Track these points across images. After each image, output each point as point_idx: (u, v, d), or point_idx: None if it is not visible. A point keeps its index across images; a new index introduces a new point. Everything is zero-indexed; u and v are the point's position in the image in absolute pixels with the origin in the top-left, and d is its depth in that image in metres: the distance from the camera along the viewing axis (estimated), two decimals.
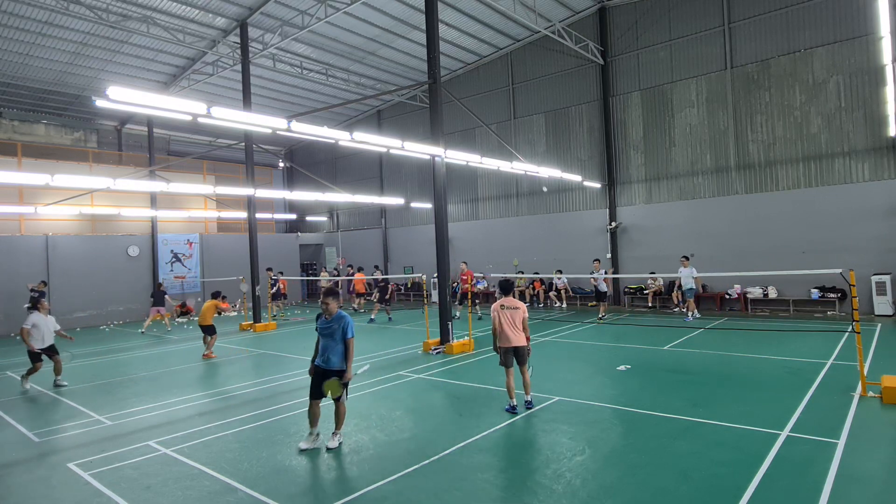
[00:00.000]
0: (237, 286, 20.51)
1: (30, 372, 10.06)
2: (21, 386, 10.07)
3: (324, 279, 25.25)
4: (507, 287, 7.83)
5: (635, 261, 18.79)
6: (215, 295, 13.27)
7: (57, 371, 10.18)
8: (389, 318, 18.36)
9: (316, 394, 6.25)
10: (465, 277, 16.57)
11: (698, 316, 15.44)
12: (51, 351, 10.19)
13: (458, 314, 16.95)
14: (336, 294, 6.39)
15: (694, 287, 15.36)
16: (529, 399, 7.49)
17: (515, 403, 7.34)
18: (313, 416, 6.27)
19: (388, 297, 18.65)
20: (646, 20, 18.44)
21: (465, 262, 17.98)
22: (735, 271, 15.68)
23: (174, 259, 23.46)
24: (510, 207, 22.34)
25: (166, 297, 18.14)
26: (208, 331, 12.66)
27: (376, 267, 23.90)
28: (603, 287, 16.10)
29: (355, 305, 21.51)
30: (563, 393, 8.06)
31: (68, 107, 22.63)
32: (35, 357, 10.00)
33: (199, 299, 23.61)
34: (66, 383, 10.19)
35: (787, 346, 10.81)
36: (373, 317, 18.20)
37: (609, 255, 19.36)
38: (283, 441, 6.56)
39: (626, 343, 12.13)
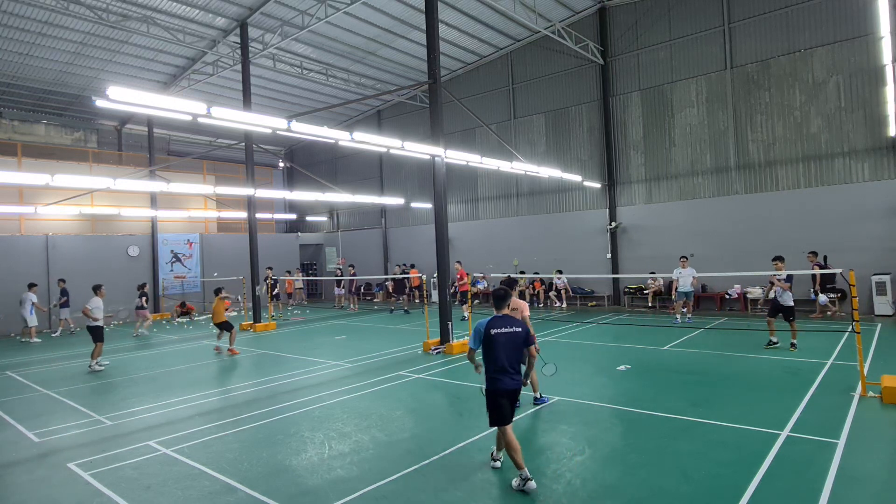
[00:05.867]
0: (238, 285, 20.50)
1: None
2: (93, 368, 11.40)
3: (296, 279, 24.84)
4: (509, 284, 7.79)
5: (635, 261, 18.78)
6: (217, 291, 13.44)
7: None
8: (406, 311, 20.17)
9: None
10: (459, 277, 16.59)
11: (689, 319, 14.69)
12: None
13: (466, 315, 16.53)
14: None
15: (692, 289, 14.80)
16: (538, 396, 7.61)
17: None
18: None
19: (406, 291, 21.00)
20: (646, 20, 18.44)
21: (458, 262, 17.99)
22: (735, 271, 15.65)
23: (174, 259, 23.46)
24: (510, 207, 22.34)
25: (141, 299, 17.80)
26: (223, 327, 12.97)
27: (412, 266, 23.62)
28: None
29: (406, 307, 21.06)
30: (563, 393, 8.06)
31: (68, 107, 22.62)
32: (99, 335, 11.38)
33: (206, 302, 23.63)
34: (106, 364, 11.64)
35: (787, 346, 10.80)
36: (406, 309, 20.30)
37: (609, 255, 19.36)
38: (283, 441, 6.56)
39: (626, 343, 12.13)
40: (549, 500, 4.74)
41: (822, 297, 14.21)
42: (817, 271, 12.61)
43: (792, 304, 10.44)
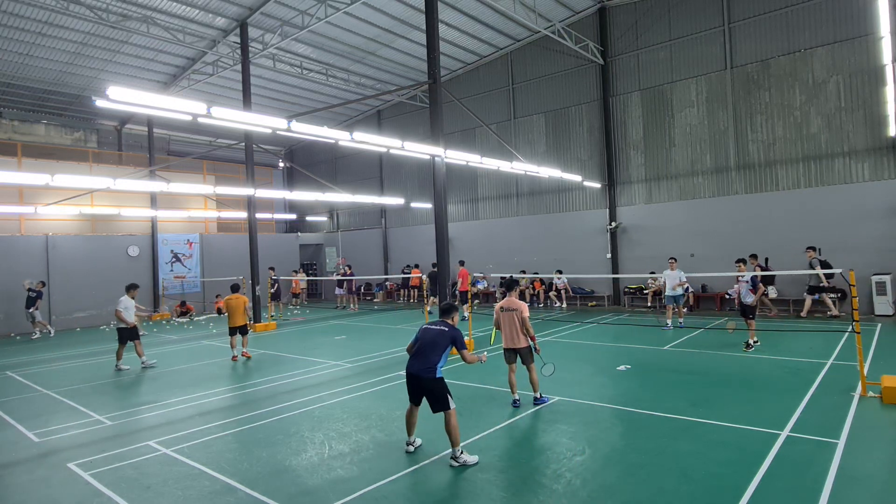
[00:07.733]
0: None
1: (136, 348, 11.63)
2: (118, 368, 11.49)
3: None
4: (509, 286, 7.84)
5: (635, 261, 18.78)
6: (235, 288, 12.44)
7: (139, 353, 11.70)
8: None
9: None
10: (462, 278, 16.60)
11: (681, 323, 13.90)
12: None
13: (465, 314, 16.59)
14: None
15: (680, 293, 14.01)
16: (538, 396, 7.61)
17: (517, 398, 7.55)
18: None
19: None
20: (646, 20, 18.44)
21: (461, 262, 17.99)
22: (735, 271, 15.64)
23: (174, 259, 23.46)
24: (510, 207, 22.33)
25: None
26: (243, 331, 12.26)
27: (415, 265, 23.57)
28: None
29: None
30: (563, 393, 8.06)
31: (68, 107, 22.62)
32: (134, 334, 11.54)
33: (206, 302, 23.61)
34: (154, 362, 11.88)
35: (787, 346, 10.82)
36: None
37: (609, 255, 19.36)
38: (283, 441, 6.56)
39: (626, 343, 12.14)
40: (549, 500, 4.75)
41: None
42: (759, 272, 13.17)
43: (751, 302, 11.03)
